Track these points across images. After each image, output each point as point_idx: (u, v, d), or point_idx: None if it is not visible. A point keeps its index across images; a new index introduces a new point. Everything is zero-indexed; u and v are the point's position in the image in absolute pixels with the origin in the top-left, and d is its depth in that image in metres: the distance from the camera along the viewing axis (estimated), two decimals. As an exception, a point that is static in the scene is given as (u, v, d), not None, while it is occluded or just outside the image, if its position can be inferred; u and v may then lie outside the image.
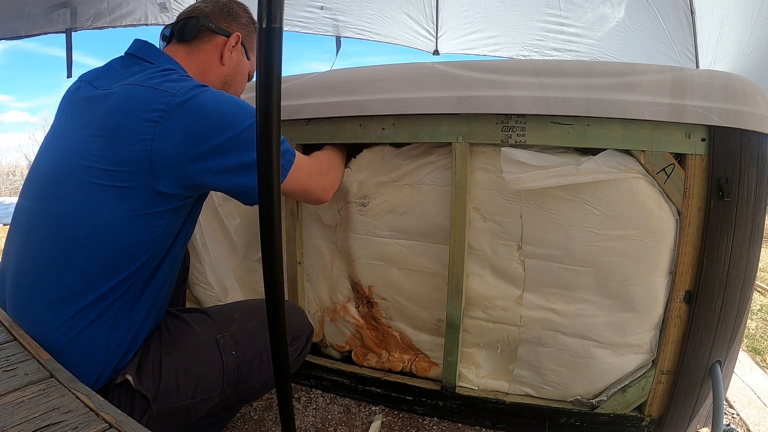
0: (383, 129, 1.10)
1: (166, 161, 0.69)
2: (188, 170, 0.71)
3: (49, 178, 0.73)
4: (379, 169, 1.16)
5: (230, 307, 0.93)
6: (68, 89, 0.83)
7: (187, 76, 0.79)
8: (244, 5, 0.99)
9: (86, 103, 0.75)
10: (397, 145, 1.15)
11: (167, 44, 0.90)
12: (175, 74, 0.77)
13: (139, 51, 0.81)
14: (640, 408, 1.07)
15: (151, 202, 0.70)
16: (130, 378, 0.71)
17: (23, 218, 0.75)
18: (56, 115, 0.81)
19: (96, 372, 0.71)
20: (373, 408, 1.25)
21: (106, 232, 0.69)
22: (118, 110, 0.70)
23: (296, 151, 0.87)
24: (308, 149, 1.22)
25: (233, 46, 0.91)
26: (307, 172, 0.92)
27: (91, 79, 0.79)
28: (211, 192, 1.38)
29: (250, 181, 0.76)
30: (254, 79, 0.44)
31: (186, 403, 0.76)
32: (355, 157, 1.19)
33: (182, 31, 0.87)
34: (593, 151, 0.97)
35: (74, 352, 0.69)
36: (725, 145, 0.91)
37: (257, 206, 0.49)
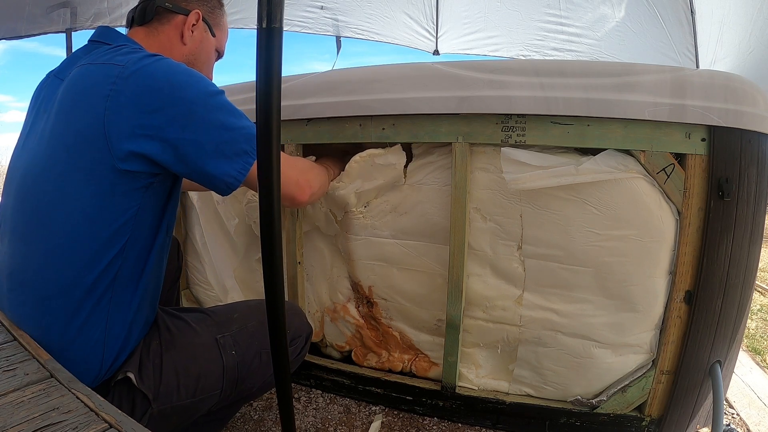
0: (383, 129, 1.10)
1: (120, 136, 0.67)
2: (142, 145, 0.68)
3: (27, 175, 0.72)
4: (373, 173, 1.16)
5: (230, 307, 0.93)
6: (38, 84, 0.82)
7: (140, 48, 0.77)
8: None
9: (52, 94, 0.74)
10: (384, 146, 1.14)
11: (130, 29, 0.89)
12: (127, 48, 0.75)
13: (100, 36, 0.80)
14: (640, 408, 1.07)
15: (117, 182, 0.68)
16: (132, 376, 0.71)
17: (9, 217, 0.74)
18: (28, 111, 0.81)
19: (95, 366, 0.71)
20: (373, 408, 1.25)
21: (80, 219, 0.68)
22: (71, 91, 0.70)
23: None
24: (308, 149, 1.22)
25: (193, 24, 0.89)
26: (282, 163, 0.89)
27: (56, 71, 0.79)
28: (211, 192, 1.39)
29: (210, 167, 0.71)
30: (254, 79, 0.44)
31: (186, 402, 0.77)
32: (344, 170, 1.16)
33: (142, 13, 0.86)
34: (593, 151, 0.97)
35: (73, 348, 0.69)
36: (725, 145, 0.91)
37: (258, 207, 0.49)
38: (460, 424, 1.18)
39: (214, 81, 0.89)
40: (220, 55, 1.00)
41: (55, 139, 0.69)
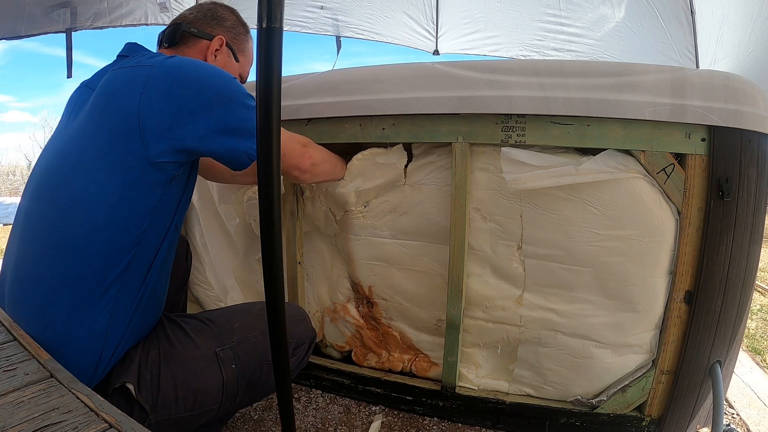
0: (383, 129, 1.10)
1: (155, 127, 0.71)
2: (176, 134, 0.73)
3: (46, 172, 0.74)
4: (374, 173, 1.16)
5: (231, 315, 0.91)
6: (72, 94, 0.86)
7: (160, 53, 0.83)
8: (231, 8, 1.00)
9: (82, 101, 0.78)
10: (386, 146, 1.14)
11: (159, 48, 0.95)
12: (149, 54, 0.81)
13: (128, 51, 0.84)
14: (640, 408, 1.07)
15: (144, 174, 0.72)
16: (131, 387, 0.71)
17: (22, 217, 0.76)
18: (60, 120, 0.84)
19: (93, 362, 0.71)
20: (373, 408, 1.25)
21: (100, 207, 0.70)
22: (102, 95, 0.74)
23: None
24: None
25: (217, 49, 0.94)
26: (284, 135, 0.92)
27: (88, 82, 0.83)
28: (211, 192, 1.39)
29: (237, 144, 0.78)
30: (254, 79, 0.45)
31: (184, 415, 0.77)
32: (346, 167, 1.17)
33: (170, 37, 0.92)
34: (593, 151, 0.97)
35: (73, 340, 0.69)
36: (725, 145, 0.91)
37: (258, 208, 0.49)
38: (460, 424, 1.18)
39: None
40: (242, 80, 1.04)
41: (86, 138, 0.72)
